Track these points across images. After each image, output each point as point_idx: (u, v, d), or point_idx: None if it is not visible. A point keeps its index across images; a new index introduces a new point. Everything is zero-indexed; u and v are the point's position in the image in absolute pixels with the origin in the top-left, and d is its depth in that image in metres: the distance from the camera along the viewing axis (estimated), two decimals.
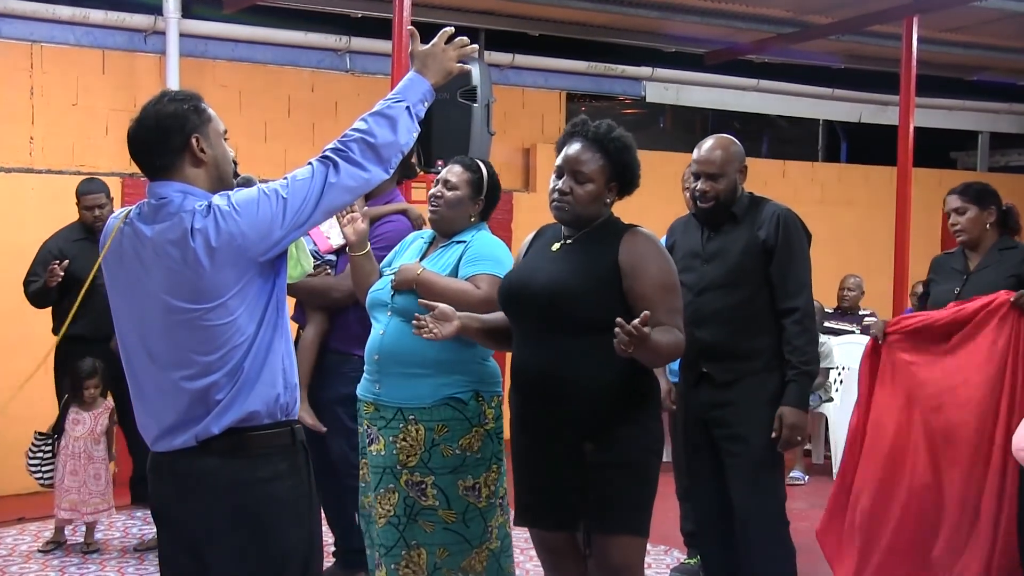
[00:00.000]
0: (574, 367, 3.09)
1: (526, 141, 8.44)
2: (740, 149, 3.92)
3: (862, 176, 10.09)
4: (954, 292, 4.30)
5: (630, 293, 3.09)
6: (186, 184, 2.52)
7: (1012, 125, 11.15)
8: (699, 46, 8.94)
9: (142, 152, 2.56)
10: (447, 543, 3.45)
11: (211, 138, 2.57)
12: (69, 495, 5.22)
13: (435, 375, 3.46)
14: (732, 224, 3.88)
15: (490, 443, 3.51)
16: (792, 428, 3.71)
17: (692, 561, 5.05)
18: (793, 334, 3.75)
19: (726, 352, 3.80)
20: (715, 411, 3.80)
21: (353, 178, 2.52)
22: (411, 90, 2.67)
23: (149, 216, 2.52)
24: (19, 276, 5.82)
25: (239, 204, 2.46)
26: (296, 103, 7.40)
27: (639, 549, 3.22)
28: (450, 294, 3.42)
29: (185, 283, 2.45)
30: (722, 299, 3.80)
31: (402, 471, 3.47)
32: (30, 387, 5.61)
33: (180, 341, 2.47)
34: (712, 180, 3.84)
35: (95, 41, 6.77)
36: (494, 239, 3.68)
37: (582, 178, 3.16)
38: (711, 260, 3.87)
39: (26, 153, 6.54)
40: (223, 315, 2.45)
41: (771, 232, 3.79)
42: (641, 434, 3.15)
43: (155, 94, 2.61)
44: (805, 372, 3.75)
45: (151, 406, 2.56)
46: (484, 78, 6.65)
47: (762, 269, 3.79)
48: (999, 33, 8.58)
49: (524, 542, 5.31)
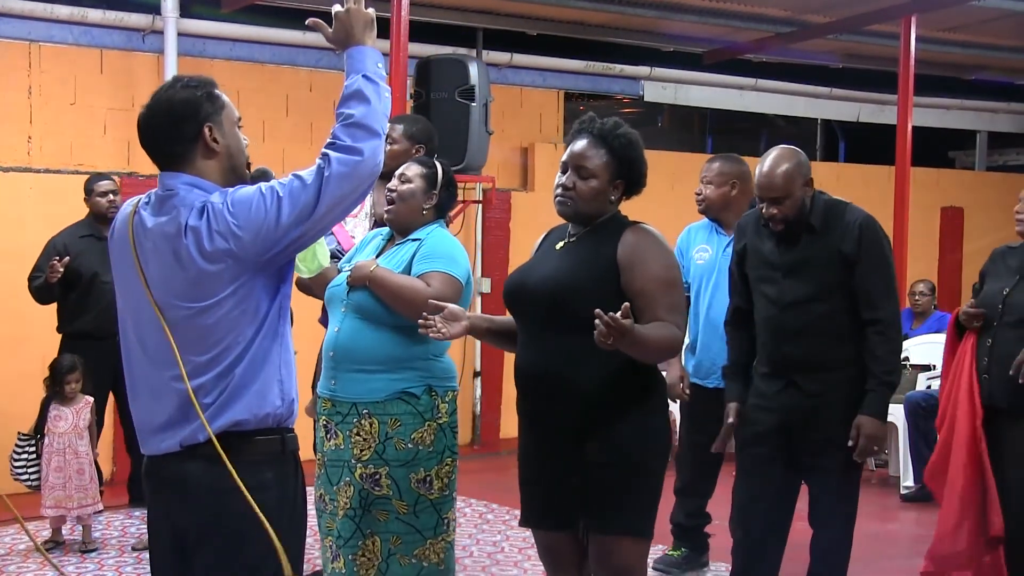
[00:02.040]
0: (573, 365, 3.07)
1: (524, 140, 8.44)
2: (802, 161, 3.80)
3: (860, 175, 10.08)
4: (1003, 292, 4.13)
5: (628, 289, 3.06)
6: (196, 176, 2.45)
7: (1010, 124, 11.16)
8: (697, 45, 8.94)
9: (152, 141, 2.49)
10: (400, 532, 3.52)
11: (224, 127, 2.49)
12: (54, 492, 5.21)
13: (388, 371, 3.52)
14: (810, 235, 3.80)
15: (443, 437, 3.57)
16: (870, 438, 3.69)
17: (675, 553, 5.03)
18: (875, 344, 3.72)
19: (815, 365, 3.78)
20: (802, 416, 3.78)
21: (345, 163, 2.40)
22: (353, 62, 2.53)
23: (155, 207, 2.47)
24: (18, 275, 5.82)
25: (234, 203, 2.38)
26: (294, 102, 7.40)
27: (640, 551, 3.18)
28: (402, 292, 3.47)
29: (177, 280, 2.40)
30: (807, 314, 3.75)
31: (356, 464, 3.53)
32: (31, 387, 5.64)
33: (176, 333, 2.42)
34: (778, 204, 3.75)
35: (93, 40, 6.76)
36: (448, 237, 3.72)
37: (585, 173, 3.15)
38: (791, 274, 3.80)
39: (24, 152, 6.54)
40: (216, 316, 2.39)
41: (853, 244, 3.73)
42: (642, 433, 3.12)
43: (167, 80, 2.53)
44: (886, 382, 3.72)
45: (144, 404, 2.52)
46: (482, 77, 6.67)
47: (846, 281, 3.74)
48: (997, 32, 8.58)
49: (523, 541, 5.32)
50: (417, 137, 4.42)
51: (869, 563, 4.86)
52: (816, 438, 3.78)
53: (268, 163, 7.37)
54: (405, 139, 4.41)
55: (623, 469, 3.09)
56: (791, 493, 3.93)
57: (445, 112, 6.32)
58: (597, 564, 3.17)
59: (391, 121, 4.53)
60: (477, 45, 8.02)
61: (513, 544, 5.33)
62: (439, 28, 7.67)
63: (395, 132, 4.41)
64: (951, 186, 10.69)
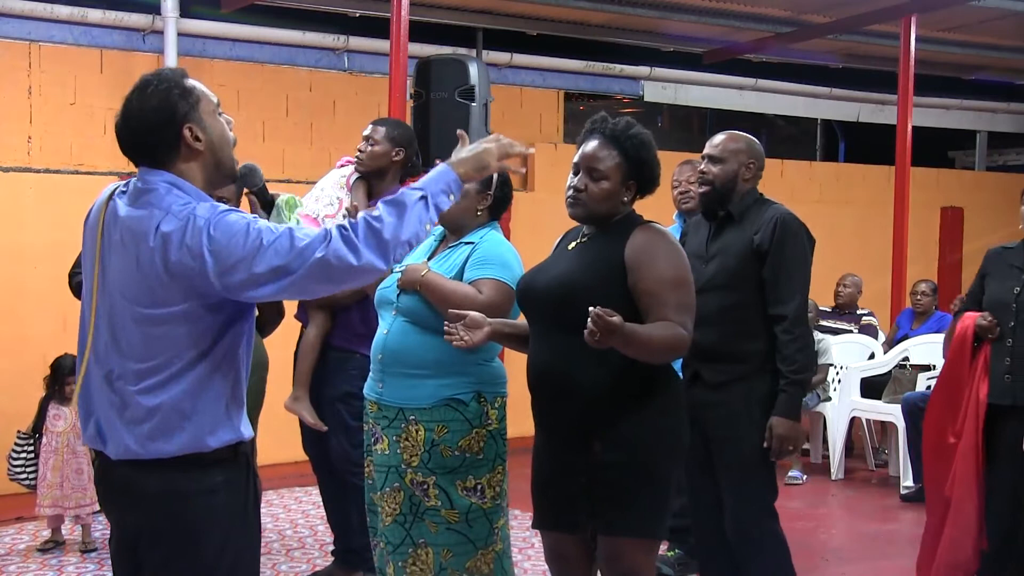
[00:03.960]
0: (579, 364, 3.04)
1: (524, 140, 8.31)
2: (754, 146, 3.90)
3: (860, 175, 10.09)
4: (1014, 291, 4.14)
5: (634, 289, 3.04)
6: (177, 177, 2.36)
7: (1010, 124, 11.16)
8: (697, 45, 8.94)
9: (132, 148, 2.41)
10: (451, 544, 3.43)
11: (204, 120, 2.39)
12: (52, 491, 5.20)
13: (435, 376, 3.44)
14: (732, 225, 3.86)
15: (493, 444, 3.48)
16: (782, 439, 3.67)
17: (670, 554, 5.03)
18: (783, 343, 3.70)
19: (719, 354, 3.77)
20: (706, 411, 3.76)
21: (339, 258, 2.25)
22: (433, 179, 2.44)
23: (132, 197, 2.38)
24: (18, 275, 5.83)
25: (216, 226, 2.26)
26: (294, 102, 7.40)
27: (648, 552, 3.13)
28: (453, 298, 3.38)
29: (133, 279, 2.32)
30: (717, 301, 3.76)
31: (406, 470, 3.46)
32: (31, 386, 5.63)
33: (120, 333, 2.35)
34: (712, 163, 3.84)
35: (93, 40, 6.76)
36: (503, 241, 3.62)
37: (597, 175, 3.13)
38: (711, 260, 3.85)
39: (24, 152, 6.53)
40: (160, 328, 2.30)
41: (766, 235, 3.75)
42: (649, 434, 3.08)
43: (137, 83, 2.43)
44: (794, 381, 3.69)
45: (90, 395, 2.44)
46: (482, 77, 6.65)
47: (756, 272, 3.76)
48: (997, 32, 8.59)
49: (523, 542, 5.32)
50: (398, 140, 4.45)
51: (869, 563, 4.87)
52: (719, 435, 3.77)
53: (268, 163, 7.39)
54: (386, 141, 4.43)
55: (630, 470, 3.06)
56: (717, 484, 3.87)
57: (445, 112, 6.30)
58: (605, 566, 3.14)
59: (373, 123, 4.55)
60: (477, 45, 8.02)
61: (513, 544, 5.31)
62: (439, 28, 7.67)
63: (377, 134, 4.44)
64: (951, 186, 10.69)
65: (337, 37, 7.49)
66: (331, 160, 7.60)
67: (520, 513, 5.44)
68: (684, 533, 5.05)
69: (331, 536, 4.88)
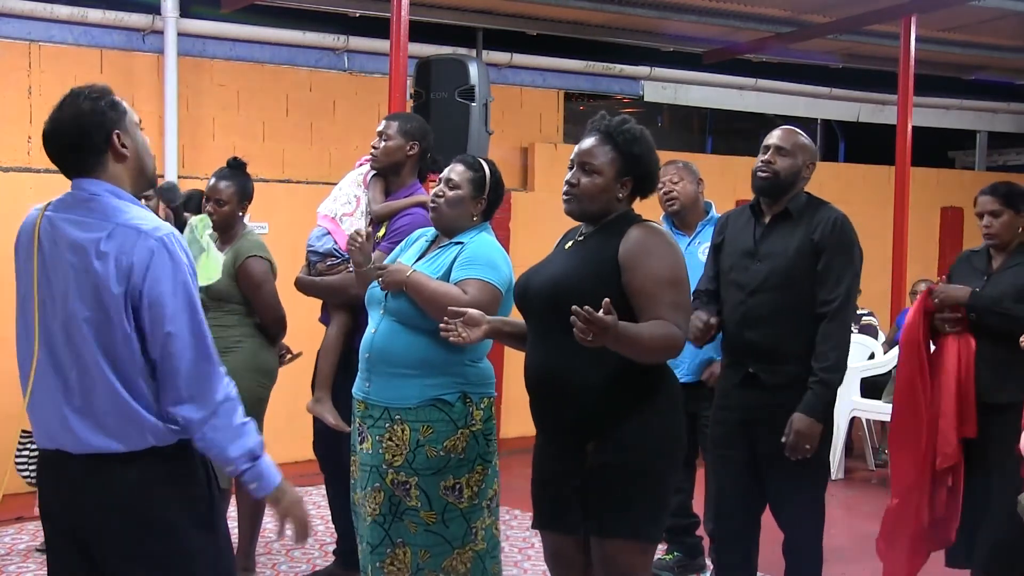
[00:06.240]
0: (574, 365, 3.03)
1: (524, 140, 8.44)
2: (814, 148, 3.93)
3: (860, 175, 10.09)
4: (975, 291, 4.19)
5: (628, 287, 3.01)
6: (112, 185, 2.50)
7: (1010, 124, 11.17)
8: (697, 45, 8.94)
9: (62, 153, 2.53)
10: (428, 545, 3.45)
11: (130, 130, 2.53)
12: None
13: (422, 376, 3.44)
14: (787, 222, 3.82)
15: (476, 444, 3.48)
16: (799, 435, 3.66)
17: (668, 557, 5.02)
18: (819, 338, 3.69)
19: (776, 355, 3.74)
20: (761, 413, 3.74)
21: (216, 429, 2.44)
22: (267, 472, 2.53)
23: (71, 206, 2.51)
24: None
25: (156, 280, 2.41)
26: (294, 102, 7.40)
27: (644, 555, 3.11)
28: (437, 298, 3.38)
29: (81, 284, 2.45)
30: (774, 300, 3.74)
31: (387, 470, 3.46)
32: None
33: (75, 337, 2.46)
34: (779, 154, 3.81)
35: (93, 40, 6.76)
36: (491, 242, 3.62)
37: (589, 169, 3.12)
38: (763, 260, 3.81)
39: (24, 152, 6.54)
40: (85, 330, 2.42)
41: (826, 232, 3.74)
42: (645, 434, 3.06)
43: (66, 93, 2.55)
44: (823, 380, 3.67)
45: (43, 399, 2.52)
46: (482, 77, 6.64)
47: (813, 271, 3.73)
48: (997, 32, 8.59)
49: (523, 542, 5.32)
50: (412, 134, 4.40)
51: (869, 563, 4.85)
52: (775, 438, 3.73)
53: (268, 162, 7.36)
54: (400, 135, 4.38)
55: (625, 471, 3.04)
56: (759, 487, 3.87)
57: (445, 112, 6.29)
58: (600, 569, 3.12)
59: (386, 118, 4.51)
60: (477, 45, 8.02)
61: (513, 544, 5.32)
62: (439, 28, 7.67)
63: (390, 129, 4.39)
64: (951, 186, 10.69)
65: (337, 37, 7.49)
66: (331, 160, 7.63)
67: (520, 513, 5.44)
68: (682, 533, 5.06)
69: (331, 536, 4.88)
